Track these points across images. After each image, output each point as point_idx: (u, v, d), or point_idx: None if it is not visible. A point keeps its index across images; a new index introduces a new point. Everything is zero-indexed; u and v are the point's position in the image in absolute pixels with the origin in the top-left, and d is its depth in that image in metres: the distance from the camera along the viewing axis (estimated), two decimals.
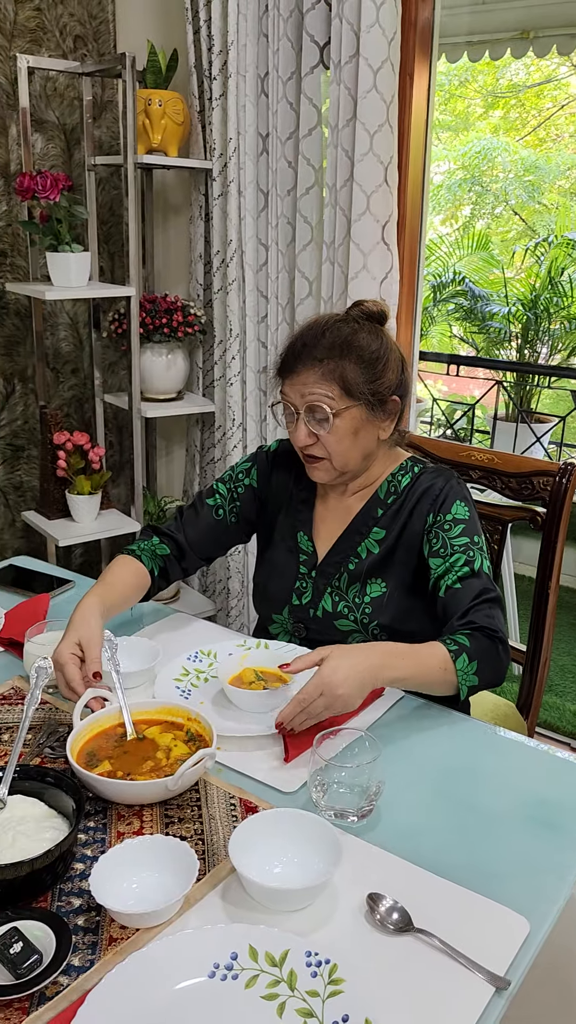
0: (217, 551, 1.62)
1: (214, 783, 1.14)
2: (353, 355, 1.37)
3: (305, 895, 0.93)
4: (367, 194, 2.19)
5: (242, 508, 1.58)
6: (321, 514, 1.53)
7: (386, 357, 1.40)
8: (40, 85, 2.70)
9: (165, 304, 2.69)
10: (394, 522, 1.45)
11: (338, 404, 1.37)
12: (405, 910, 0.93)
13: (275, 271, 2.49)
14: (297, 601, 1.50)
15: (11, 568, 1.81)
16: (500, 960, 0.88)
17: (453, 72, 8.40)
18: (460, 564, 1.35)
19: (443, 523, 1.40)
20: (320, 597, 1.48)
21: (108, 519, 2.72)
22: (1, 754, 1.18)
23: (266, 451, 1.61)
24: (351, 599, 1.45)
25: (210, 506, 1.58)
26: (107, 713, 1.19)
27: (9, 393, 2.84)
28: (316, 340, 1.38)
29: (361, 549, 1.46)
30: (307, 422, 1.39)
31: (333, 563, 1.48)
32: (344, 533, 1.48)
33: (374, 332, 1.41)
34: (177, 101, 2.57)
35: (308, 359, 1.37)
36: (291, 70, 2.32)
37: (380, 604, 1.43)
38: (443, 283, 5.85)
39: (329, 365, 1.36)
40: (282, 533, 1.55)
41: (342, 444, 1.39)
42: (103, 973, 0.84)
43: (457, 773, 1.20)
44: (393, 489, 1.47)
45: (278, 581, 1.53)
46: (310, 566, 1.50)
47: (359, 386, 1.37)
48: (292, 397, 1.40)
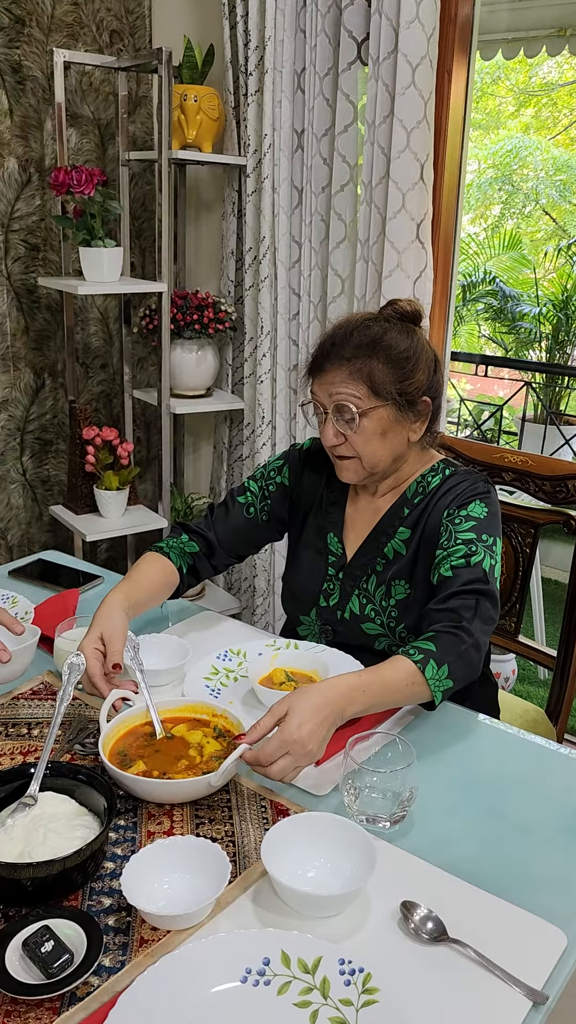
0: (248, 549, 1.61)
1: (245, 784, 1.13)
2: (382, 354, 1.34)
3: (339, 901, 0.92)
4: (403, 192, 2.17)
5: (273, 506, 1.57)
6: (351, 515, 1.51)
7: (416, 357, 1.37)
8: (76, 80, 2.70)
9: (196, 300, 2.68)
10: (419, 522, 1.42)
11: (365, 404, 1.35)
12: (439, 919, 0.91)
13: (308, 268, 2.48)
14: (325, 603, 1.49)
15: (39, 562, 1.81)
16: (537, 973, 0.87)
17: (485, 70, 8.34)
18: (458, 555, 1.33)
19: (455, 517, 1.37)
20: (347, 599, 1.46)
21: (135, 515, 2.72)
22: (32, 749, 1.18)
23: (299, 449, 1.60)
24: (378, 602, 1.43)
25: (241, 504, 1.57)
26: (132, 713, 1.18)
27: (39, 387, 2.85)
28: (345, 339, 1.36)
29: (388, 550, 1.44)
30: (335, 422, 1.37)
31: (360, 565, 1.46)
32: (371, 534, 1.46)
33: (405, 331, 1.38)
34: (212, 97, 2.56)
35: (336, 358, 1.36)
36: (328, 66, 2.30)
37: (406, 606, 1.41)
38: (473, 283, 5.80)
39: (357, 364, 1.34)
40: (311, 533, 1.54)
41: (370, 444, 1.37)
42: (134, 975, 0.83)
43: (488, 779, 1.18)
44: (421, 490, 1.44)
45: (306, 582, 1.51)
46: (338, 567, 1.48)
47: (387, 386, 1.34)
48: (320, 396, 1.39)
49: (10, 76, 2.55)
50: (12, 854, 0.93)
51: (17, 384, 2.78)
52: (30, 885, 0.90)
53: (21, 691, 1.33)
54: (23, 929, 0.86)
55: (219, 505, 1.59)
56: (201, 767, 1.11)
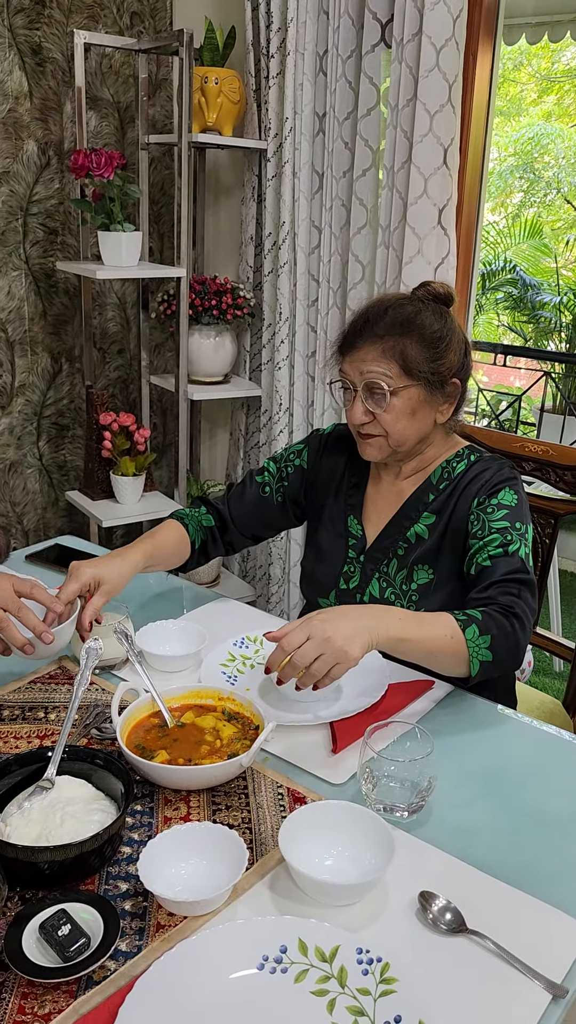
0: (262, 530, 1.61)
1: (262, 771, 1.12)
2: (415, 334, 1.35)
3: (357, 890, 0.91)
4: (425, 177, 2.14)
5: (288, 488, 1.57)
6: (372, 497, 1.51)
7: (449, 338, 1.37)
8: (96, 62, 2.69)
9: (214, 286, 2.67)
10: (444, 507, 1.41)
11: (396, 382, 1.34)
12: (458, 910, 0.91)
13: (327, 254, 2.45)
14: (344, 586, 1.48)
15: (56, 547, 1.81)
16: (557, 967, 0.86)
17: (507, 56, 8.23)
18: (495, 544, 1.32)
19: (486, 506, 1.36)
20: (367, 582, 1.46)
21: (151, 501, 2.71)
22: (48, 734, 1.18)
23: (321, 434, 1.60)
24: (398, 585, 1.42)
25: (258, 483, 1.59)
26: (137, 706, 1.17)
27: (56, 372, 2.84)
28: (379, 317, 1.36)
29: (410, 534, 1.43)
30: (364, 399, 1.37)
31: (382, 548, 1.46)
32: (394, 517, 1.45)
33: (438, 313, 1.38)
34: (233, 79, 2.54)
35: (369, 335, 1.36)
36: (351, 48, 2.27)
37: (427, 591, 1.40)
38: (493, 271, 5.75)
39: (390, 342, 1.34)
40: (331, 516, 1.53)
41: (399, 423, 1.37)
42: (151, 960, 0.83)
43: (505, 770, 1.17)
44: (447, 475, 1.44)
45: (326, 565, 1.51)
46: (359, 550, 1.48)
47: (419, 365, 1.34)
48: (351, 374, 1.38)
49: (30, 58, 2.53)
50: (30, 837, 0.93)
51: (34, 369, 2.78)
52: (47, 868, 0.90)
53: (38, 675, 1.33)
54: (40, 912, 0.86)
55: (238, 483, 1.61)
56: (223, 751, 1.11)
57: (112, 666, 1.36)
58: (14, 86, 2.51)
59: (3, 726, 1.19)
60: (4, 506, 2.83)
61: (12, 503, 2.85)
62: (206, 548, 1.55)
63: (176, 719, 1.17)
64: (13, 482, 2.83)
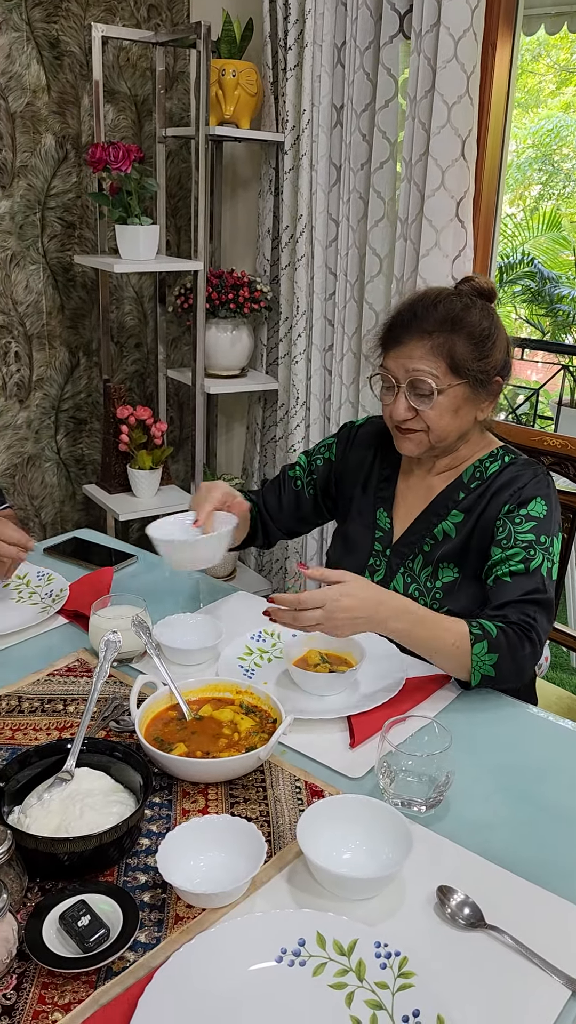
0: (297, 525, 1.62)
1: (279, 765, 1.13)
2: (464, 331, 1.33)
3: (375, 884, 0.91)
4: (443, 169, 2.13)
5: (318, 480, 1.58)
6: (402, 492, 1.50)
7: (495, 336, 1.35)
8: (113, 55, 2.69)
9: (231, 279, 2.67)
10: (474, 508, 1.40)
11: (443, 381, 1.33)
12: (476, 905, 0.90)
13: (345, 247, 2.45)
14: (369, 578, 1.47)
15: (74, 540, 1.81)
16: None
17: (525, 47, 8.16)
18: (517, 559, 1.30)
19: (515, 515, 1.34)
20: (392, 577, 1.45)
21: (167, 495, 2.72)
22: (67, 726, 1.19)
23: (352, 426, 1.59)
24: (423, 583, 1.42)
25: (290, 477, 1.60)
26: (156, 699, 1.18)
27: (73, 366, 2.85)
28: (427, 312, 1.34)
29: (438, 531, 1.42)
30: (408, 395, 1.35)
31: (408, 543, 1.45)
32: (422, 513, 1.45)
33: (485, 310, 1.36)
34: (251, 72, 2.53)
35: (417, 331, 1.33)
36: (369, 39, 2.26)
37: (451, 591, 1.39)
38: (510, 264, 5.71)
39: (438, 339, 1.32)
40: (360, 509, 1.53)
41: (443, 419, 1.35)
42: (170, 951, 0.84)
43: (524, 766, 1.17)
44: (479, 474, 1.42)
45: (352, 557, 1.50)
46: (385, 544, 1.47)
47: (467, 363, 1.33)
48: (395, 370, 1.36)
49: (48, 51, 2.53)
50: (49, 828, 0.94)
51: (52, 363, 2.79)
52: (67, 859, 0.90)
53: (56, 667, 1.33)
54: (60, 903, 0.87)
55: (272, 479, 1.62)
56: (242, 744, 1.11)
57: (130, 659, 1.36)
58: (32, 80, 2.52)
59: (23, 718, 1.20)
60: (22, 499, 2.85)
61: (30, 496, 2.87)
62: (255, 533, 1.57)
63: (194, 712, 1.17)
64: (31, 476, 2.85)
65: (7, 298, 2.63)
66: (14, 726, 1.18)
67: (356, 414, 2.55)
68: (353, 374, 2.54)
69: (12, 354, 2.69)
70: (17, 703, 1.24)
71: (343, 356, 2.53)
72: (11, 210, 2.57)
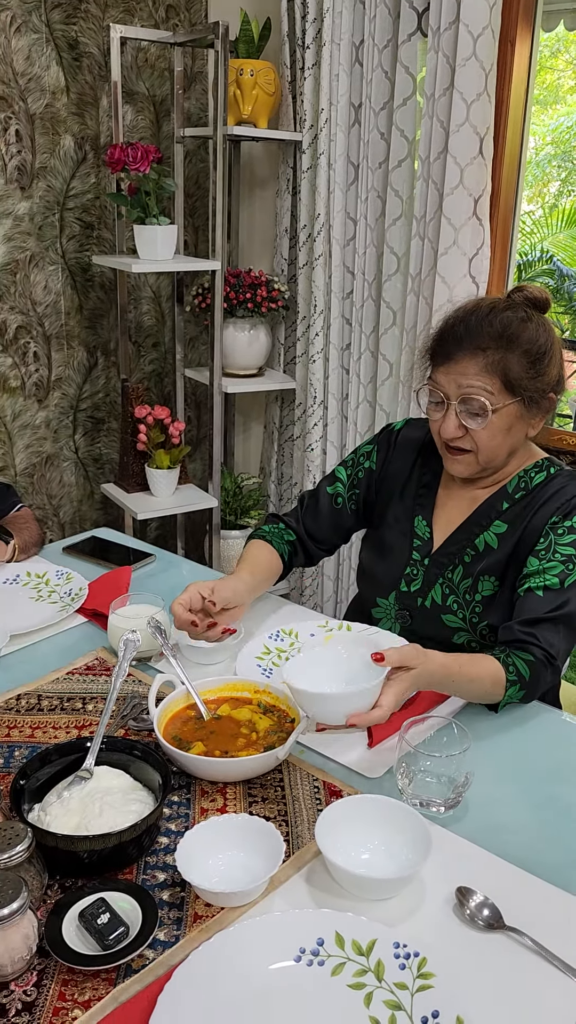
0: (339, 540, 1.58)
1: (297, 764, 1.13)
2: (520, 348, 1.27)
3: (394, 885, 0.91)
4: (461, 167, 2.12)
5: (362, 494, 1.53)
6: (443, 500, 1.45)
7: (551, 352, 1.30)
8: (131, 56, 2.69)
9: (249, 279, 2.67)
10: (518, 519, 1.35)
11: (497, 400, 1.27)
12: (496, 907, 0.90)
13: (363, 246, 2.44)
14: (405, 588, 1.44)
15: (93, 539, 1.82)
16: None
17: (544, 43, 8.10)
18: (553, 573, 1.27)
19: (558, 527, 1.30)
20: (430, 587, 1.41)
21: (185, 494, 2.73)
22: (86, 724, 1.19)
23: (391, 430, 1.54)
24: (462, 595, 1.38)
25: (329, 495, 1.54)
26: (174, 698, 1.18)
27: (92, 366, 2.87)
28: (480, 327, 1.28)
29: (479, 542, 1.38)
30: (459, 413, 1.30)
31: (448, 553, 1.41)
32: (464, 523, 1.40)
33: (542, 324, 1.31)
34: (269, 71, 2.53)
35: (470, 347, 1.28)
36: (387, 37, 2.25)
37: (491, 603, 1.36)
38: (529, 261, 5.68)
39: (493, 356, 1.27)
40: (397, 514, 1.48)
41: (494, 440, 1.30)
42: (189, 950, 0.84)
43: (543, 766, 1.16)
44: (524, 485, 1.37)
45: (387, 564, 1.47)
46: (424, 553, 1.43)
47: (522, 382, 1.27)
48: (445, 386, 1.30)
49: (67, 53, 2.54)
50: (69, 826, 0.94)
51: (70, 362, 2.81)
52: (86, 857, 0.91)
53: (76, 666, 1.34)
54: (79, 900, 0.87)
55: (310, 495, 1.57)
56: (260, 743, 1.11)
57: (148, 658, 1.37)
58: (51, 81, 2.53)
59: (42, 716, 1.21)
60: (41, 499, 2.86)
61: (48, 496, 2.88)
62: (291, 560, 1.53)
63: (212, 711, 1.17)
64: (50, 475, 2.86)
65: (26, 298, 2.64)
66: (33, 724, 1.19)
67: (374, 413, 2.54)
68: (371, 373, 2.53)
69: (31, 354, 2.70)
70: (37, 701, 1.24)
71: (360, 355, 2.53)
72: (30, 211, 2.58)
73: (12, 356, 2.66)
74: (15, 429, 2.74)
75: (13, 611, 1.48)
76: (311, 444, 2.71)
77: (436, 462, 1.44)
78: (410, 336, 2.35)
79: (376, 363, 2.50)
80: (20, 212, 2.56)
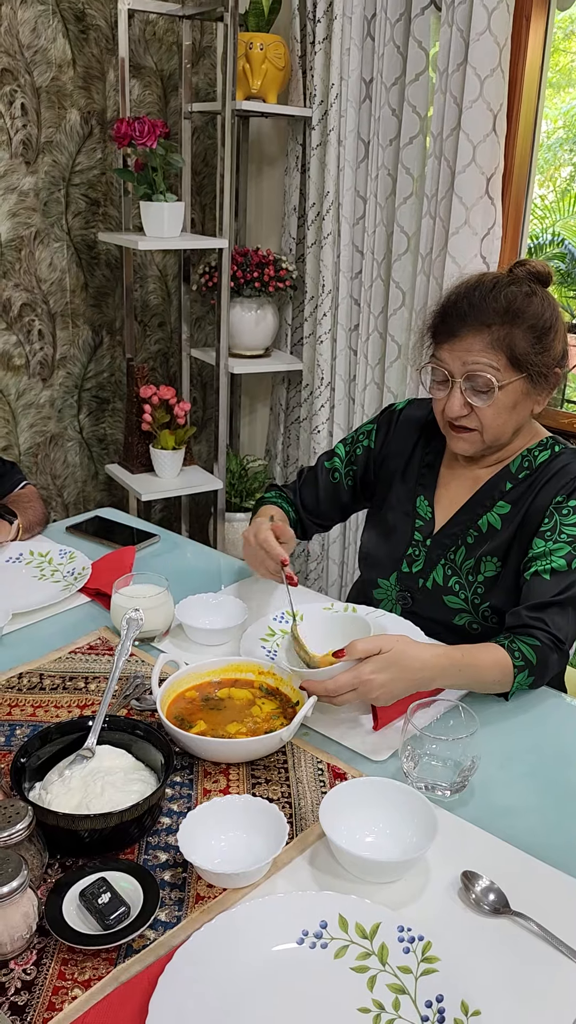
0: (334, 515, 1.58)
1: (302, 747, 1.11)
2: (525, 323, 1.25)
3: (399, 868, 0.90)
4: (473, 144, 2.08)
5: (359, 471, 1.52)
6: (446, 480, 1.44)
7: (556, 327, 1.28)
8: (139, 29, 2.65)
9: (257, 258, 2.64)
10: (522, 499, 1.34)
11: (503, 376, 1.26)
12: (502, 891, 0.89)
13: (372, 225, 2.41)
14: (407, 569, 1.43)
15: (96, 519, 1.81)
16: None
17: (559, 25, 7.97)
18: (560, 554, 1.25)
19: (563, 507, 1.28)
20: (432, 568, 1.40)
21: (190, 475, 2.71)
22: (88, 703, 1.18)
23: (393, 410, 1.53)
24: (464, 576, 1.37)
25: (327, 469, 1.54)
26: (177, 678, 1.16)
27: (97, 345, 2.84)
28: (484, 302, 1.26)
29: (482, 522, 1.36)
30: (464, 390, 1.28)
31: (451, 534, 1.39)
32: (467, 503, 1.39)
33: (546, 298, 1.29)
34: (279, 45, 2.49)
35: (475, 323, 1.26)
36: (400, 11, 2.21)
37: (493, 584, 1.34)
38: (540, 244, 5.62)
39: (498, 332, 1.25)
40: (399, 495, 1.47)
41: (499, 418, 1.29)
42: (190, 930, 0.83)
43: (550, 751, 1.15)
44: (527, 464, 1.35)
45: (389, 545, 1.46)
46: (426, 533, 1.42)
47: (527, 357, 1.25)
48: (450, 363, 1.29)
49: (73, 25, 2.50)
50: (70, 805, 0.93)
51: (75, 341, 2.78)
52: (87, 836, 0.90)
53: (78, 645, 1.33)
54: (80, 880, 0.86)
55: (308, 469, 1.57)
56: (264, 725, 1.10)
57: (152, 638, 1.35)
58: (57, 54, 2.49)
59: (44, 695, 1.20)
60: (45, 479, 2.85)
61: (52, 476, 2.87)
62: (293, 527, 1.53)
63: (213, 693, 1.16)
64: (54, 455, 2.85)
65: (31, 276, 2.62)
66: (35, 703, 1.18)
67: (381, 395, 2.52)
68: (379, 355, 2.50)
69: (36, 332, 2.68)
70: (39, 680, 1.23)
71: (368, 336, 2.50)
72: (35, 186, 2.55)
73: (17, 334, 2.64)
74: (19, 408, 2.72)
75: (16, 590, 1.47)
76: (317, 426, 2.69)
77: (439, 442, 1.43)
78: (419, 317, 2.32)
79: (384, 344, 2.47)
80: (25, 187, 2.53)
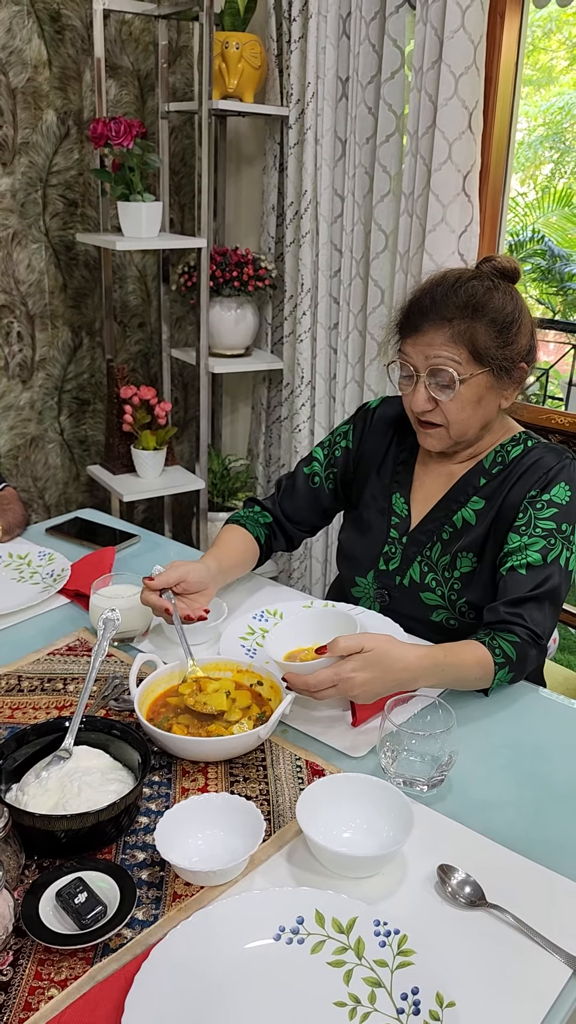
0: (318, 520, 1.57)
1: (280, 744, 1.12)
2: (486, 317, 1.26)
3: (375, 863, 0.90)
4: (449, 142, 2.09)
5: (339, 472, 1.52)
6: (420, 477, 1.44)
7: (520, 321, 1.29)
8: (115, 29, 2.65)
9: (236, 257, 2.64)
10: (496, 494, 1.34)
11: (465, 370, 1.27)
12: (478, 884, 0.90)
13: (350, 223, 2.41)
14: (384, 566, 1.43)
15: (77, 520, 1.80)
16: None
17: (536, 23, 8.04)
18: (534, 549, 1.26)
19: (537, 501, 1.29)
20: (408, 565, 1.40)
21: (172, 476, 2.71)
22: (67, 704, 1.18)
23: (366, 409, 1.53)
24: (440, 572, 1.37)
25: (306, 474, 1.53)
26: (155, 678, 1.16)
27: (76, 346, 2.83)
28: (446, 298, 1.27)
29: (457, 518, 1.37)
30: (428, 385, 1.29)
31: (426, 531, 1.40)
32: (441, 500, 1.39)
33: (509, 293, 1.30)
34: (255, 44, 2.49)
35: (436, 318, 1.27)
36: (375, 9, 2.22)
37: (470, 580, 1.35)
38: (520, 241, 5.65)
39: (459, 326, 1.26)
40: (374, 493, 1.47)
41: (463, 412, 1.29)
42: (167, 928, 0.83)
43: (527, 745, 1.15)
44: (500, 460, 1.36)
45: (366, 543, 1.46)
46: (402, 531, 1.42)
47: (489, 351, 1.26)
48: (413, 358, 1.30)
49: (49, 26, 2.50)
50: (47, 806, 0.93)
51: (55, 343, 2.77)
52: (64, 837, 0.90)
53: (57, 647, 1.33)
54: (57, 880, 0.86)
55: (287, 477, 1.56)
56: (241, 724, 1.10)
57: (131, 638, 1.35)
58: (33, 55, 2.48)
59: (22, 697, 1.19)
60: (26, 481, 2.84)
61: (33, 478, 2.86)
62: (270, 544, 1.51)
63: (193, 680, 1.16)
64: (34, 457, 2.84)
65: (9, 277, 2.61)
66: (13, 705, 1.17)
67: (362, 394, 2.52)
68: (359, 353, 2.51)
69: (15, 334, 2.67)
70: (17, 682, 1.23)
71: (348, 335, 2.50)
72: (12, 187, 2.54)
73: None
74: None
75: None
76: (299, 425, 2.69)
77: (413, 438, 1.43)
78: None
79: (364, 342, 2.48)
80: (2, 188, 2.52)
